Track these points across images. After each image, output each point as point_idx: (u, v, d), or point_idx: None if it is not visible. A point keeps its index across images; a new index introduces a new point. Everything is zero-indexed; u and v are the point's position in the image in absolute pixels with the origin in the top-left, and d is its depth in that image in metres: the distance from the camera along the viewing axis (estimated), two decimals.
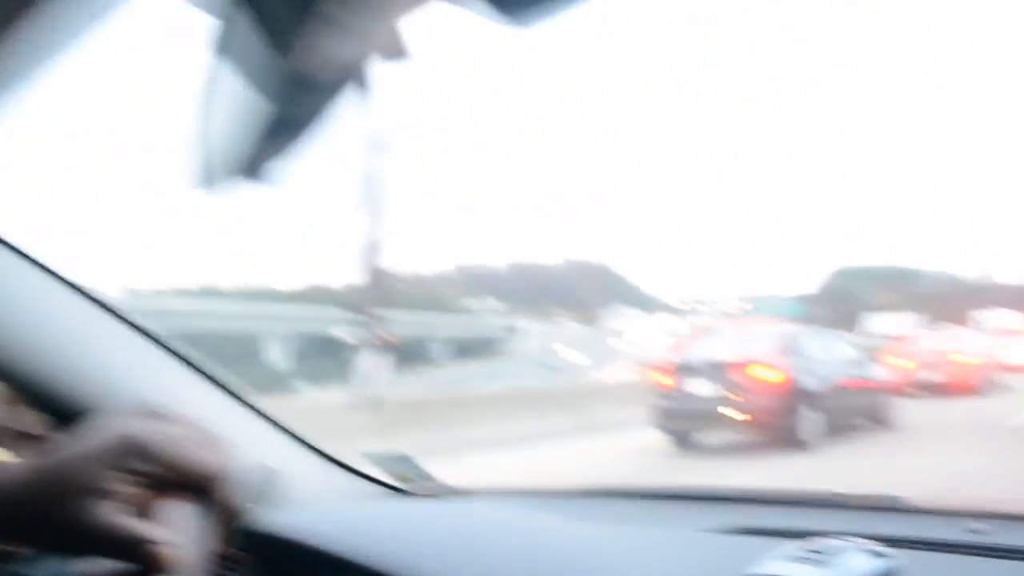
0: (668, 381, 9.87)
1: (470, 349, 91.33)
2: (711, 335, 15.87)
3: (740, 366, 9.38)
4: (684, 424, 9.77)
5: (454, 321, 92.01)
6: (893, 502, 1.31)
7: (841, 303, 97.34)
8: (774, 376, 9.22)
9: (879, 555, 0.92)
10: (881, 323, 48.50)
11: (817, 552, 0.90)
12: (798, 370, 9.56)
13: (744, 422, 9.23)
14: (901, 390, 13.34)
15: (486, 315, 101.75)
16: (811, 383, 9.57)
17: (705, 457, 9.42)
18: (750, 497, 1.52)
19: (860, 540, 0.94)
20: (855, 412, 10.61)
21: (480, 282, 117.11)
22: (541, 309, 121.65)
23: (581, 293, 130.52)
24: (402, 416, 10.22)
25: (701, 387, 9.46)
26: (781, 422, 9.11)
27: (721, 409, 9.24)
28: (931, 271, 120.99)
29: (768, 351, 9.73)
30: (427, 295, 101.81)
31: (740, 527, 1.18)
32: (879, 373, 11.37)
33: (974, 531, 1.08)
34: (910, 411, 11.71)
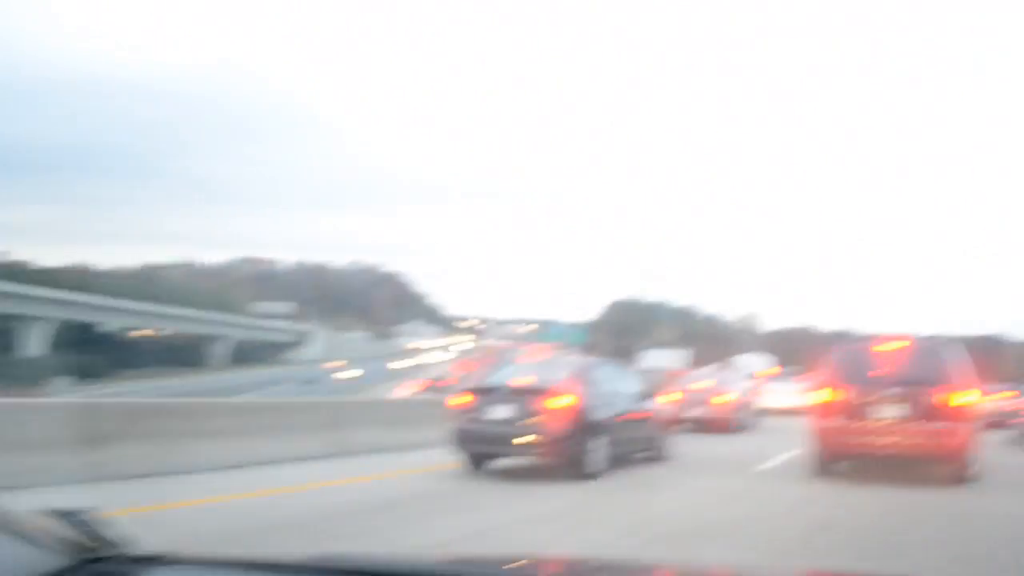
0: (468, 403, 9.94)
1: (255, 353, 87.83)
2: (511, 360, 16.26)
3: (539, 393, 9.60)
4: (481, 447, 9.87)
5: (240, 322, 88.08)
6: None
7: (621, 334, 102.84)
8: (569, 405, 9.51)
9: None
10: (654, 358, 51.80)
11: None
12: (591, 400, 9.93)
13: (538, 448, 9.41)
14: (670, 425, 14.31)
15: (277, 320, 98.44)
16: (602, 413, 10.00)
17: (495, 480, 9.55)
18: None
19: None
20: (637, 444, 11.23)
21: (275, 285, 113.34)
22: (336, 318, 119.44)
23: (378, 305, 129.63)
24: (115, 425, 8.83)
25: (498, 411, 9.61)
26: (572, 450, 9.40)
27: (517, 434, 9.43)
28: (702, 312, 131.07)
29: (565, 380, 10.03)
30: (216, 292, 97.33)
31: None
32: (657, 407, 12.01)
33: None
34: (678, 446, 12.62)
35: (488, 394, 9.91)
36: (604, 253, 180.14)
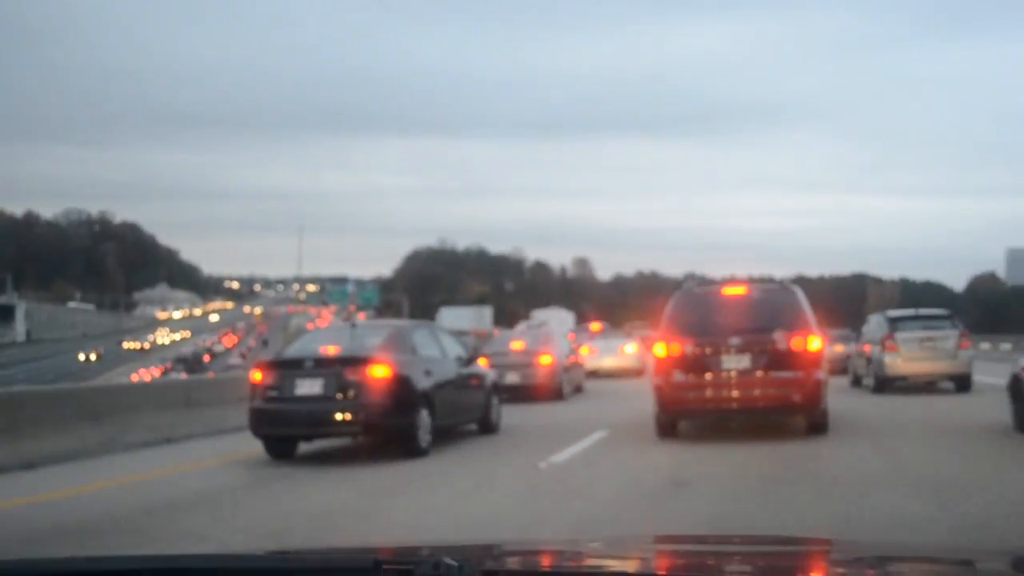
0: (268, 380, 10.30)
1: None
2: (300, 327, 16.35)
3: (353, 363, 10.11)
4: (286, 429, 10.29)
5: None
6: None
7: (423, 291, 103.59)
8: (389, 374, 10.09)
9: None
10: (452, 317, 52.73)
11: None
12: (413, 368, 10.60)
13: (357, 426, 10.00)
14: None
15: None
16: (425, 382, 10.69)
17: (307, 466, 10.04)
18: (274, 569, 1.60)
19: None
20: (467, 413, 12.07)
21: None
22: (48, 284, 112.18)
23: (107, 264, 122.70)
24: None
25: (307, 387, 10.05)
26: (398, 424, 10.06)
27: (330, 411, 9.93)
28: (529, 259, 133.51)
29: (381, 346, 10.61)
30: None
31: None
32: (482, 373, 12.87)
33: None
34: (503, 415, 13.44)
35: (291, 368, 10.31)
36: (407, 192, 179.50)
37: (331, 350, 10.65)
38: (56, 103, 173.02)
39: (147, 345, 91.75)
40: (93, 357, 73.00)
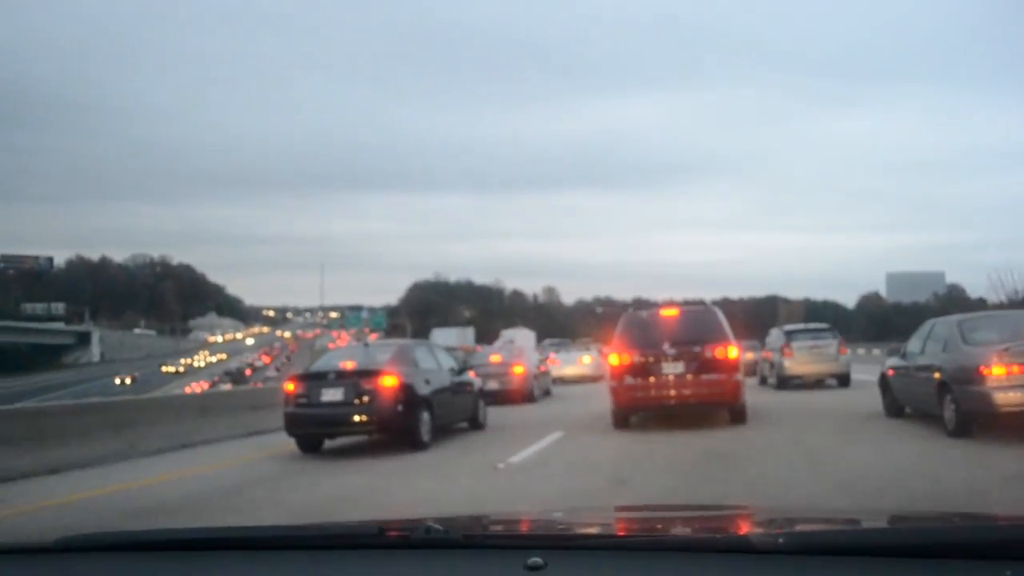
0: (299, 389, 10.32)
1: (24, 359, 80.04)
2: (323, 346, 16.39)
3: (366, 375, 10.16)
4: (315, 429, 10.30)
5: (8, 326, 79.90)
6: (443, 538, 1.29)
7: (423, 315, 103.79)
8: (396, 383, 10.13)
9: None
10: (442, 336, 53.07)
11: None
12: (415, 377, 10.63)
13: (372, 425, 10.01)
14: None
15: (51, 322, 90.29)
16: (425, 389, 10.72)
17: (332, 459, 10.04)
18: (284, 538, 1.45)
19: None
20: (459, 414, 12.07)
21: (49, 284, 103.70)
22: (120, 315, 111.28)
23: (167, 298, 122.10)
24: None
25: (330, 395, 10.08)
26: (404, 423, 10.08)
27: (350, 414, 9.96)
28: (507, 288, 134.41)
29: (388, 361, 10.66)
30: None
31: None
32: (471, 381, 12.88)
33: (531, 567, 1.15)
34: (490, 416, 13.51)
35: (317, 379, 10.33)
36: (407, 236, 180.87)
37: (349, 364, 10.69)
38: (127, 169, 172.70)
39: (182, 368, 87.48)
40: (128, 381, 68.38)
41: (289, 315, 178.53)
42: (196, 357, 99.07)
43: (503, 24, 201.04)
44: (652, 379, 11.06)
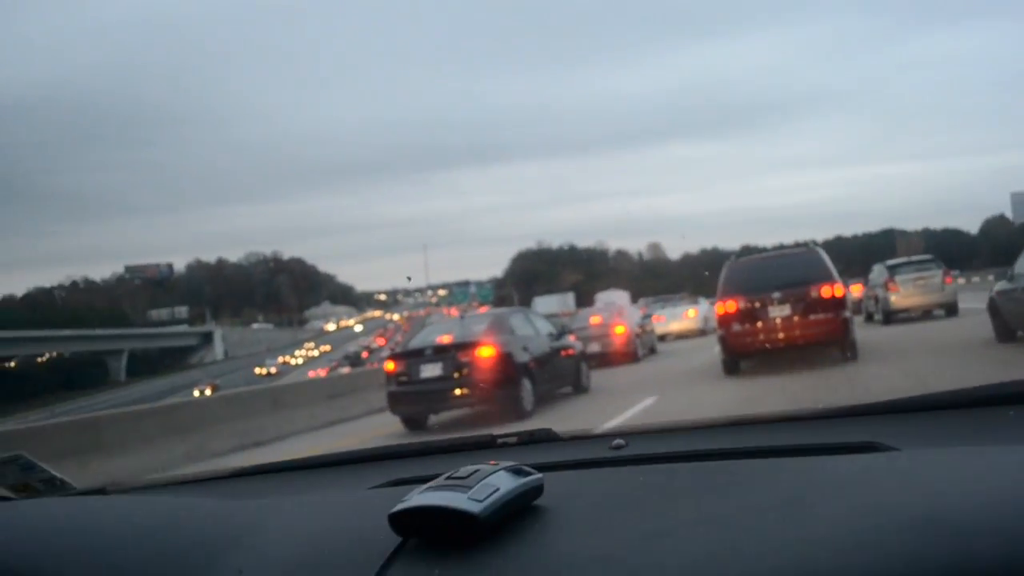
0: (398, 368, 10.39)
1: (156, 362, 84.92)
2: (433, 323, 16.63)
3: (463, 347, 10.12)
4: (417, 406, 10.34)
5: (134, 333, 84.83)
6: (545, 434, 1.43)
7: (528, 284, 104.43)
8: (493, 353, 10.07)
9: (524, 473, 0.95)
10: (543, 304, 52.97)
11: (462, 478, 0.90)
12: (512, 346, 10.54)
13: (473, 398, 9.95)
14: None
15: (176, 324, 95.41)
16: (524, 356, 10.62)
17: (439, 433, 10.09)
18: (405, 452, 1.54)
19: (506, 464, 0.95)
20: (562, 379, 11.94)
21: (172, 289, 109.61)
22: (239, 312, 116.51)
23: (282, 292, 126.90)
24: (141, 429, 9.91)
25: (429, 370, 10.10)
26: (505, 393, 9.99)
27: (450, 388, 9.95)
28: (611, 248, 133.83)
29: (484, 332, 10.60)
30: (109, 306, 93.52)
31: (394, 479, 1.25)
32: (572, 345, 12.72)
33: (615, 447, 1.26)
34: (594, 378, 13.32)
35: (416, 356, 10.37)
36: (509, 207, 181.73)
37: (446, 339, 10.69)
38: (233, 172, 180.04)
39: (274, 370, 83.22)
40: (208, 392, 67.99)
41: (400, 297, 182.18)
42: (290, 356, 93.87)
43: None
44: (760, 323, 11.17)
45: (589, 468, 1.17)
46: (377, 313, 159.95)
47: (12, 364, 70.17)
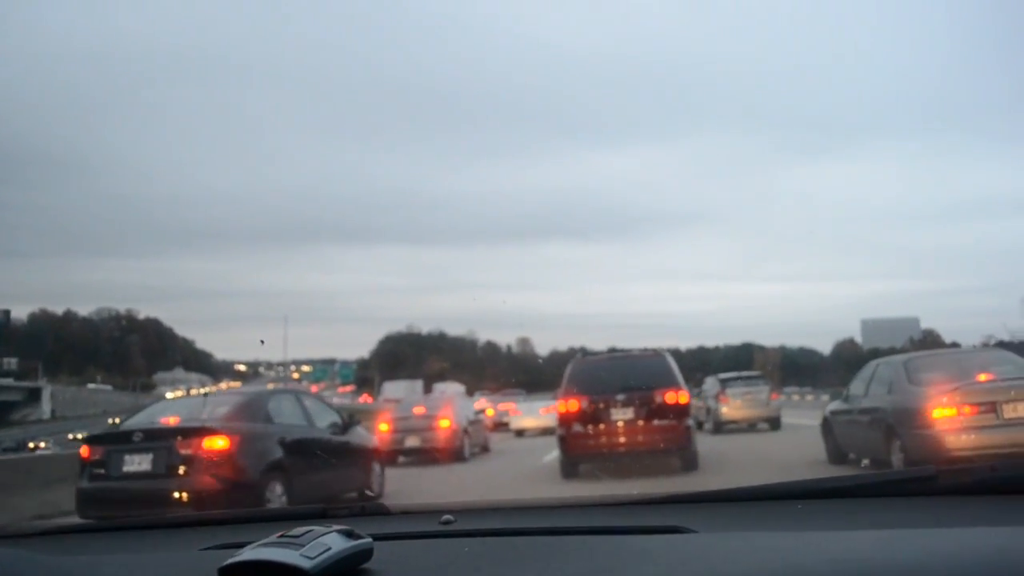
0: (95, 457, 7.67)
1: None
2: (170, 400, 13.90)
3: (185, 435, 7.54)
4: (114, 512, 7.61)
5: None
6: (375, 508, 1.51)
7: (394, 367, 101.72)
8: (225, 446, 7.53)
9: (355, 536, 0.98)
10: (391, 389, 50.48)
11: (295, 536, 0.93)
12: (260, 438, 8.06)
13: (189, 504, 7.26)
14: (388, 456, 12.96)
15: (1, 377, 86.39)
16: (276, 453, 8.13)
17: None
18: (237, 518, 1.59)
19: (338, 527, 0.98)
20: (339, 482, 9.44)
21: (10, 338, 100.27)
22: (81, 370, 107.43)
23: (131, 353, 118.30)
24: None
25: (135, 463, 7.44)
26: (237, 500, 7.39)
27: (159, 490, 7.31)
28: (481, 339, 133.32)
29: (226, 417, 8.04)
30: None
31: (225, 543, 1.22)
32: (361, 441, 10.34)
33: (443, 522, 1.33)
34: (390, 478, 11.18)
35: (120, 442, 7.69)
36: (382, 289, 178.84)
37: (170, 420, 8.08)
38: (95, 223, 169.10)
39: (43, 444, 77.67)
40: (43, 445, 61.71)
41: (262, 369, 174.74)
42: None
43: (479, 79, 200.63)
44: (602, 426, 10.73)
45: (415, 539, 1.21)
46: (237, 384, 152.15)
47: None
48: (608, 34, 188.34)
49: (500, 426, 28.00)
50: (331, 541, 0.93)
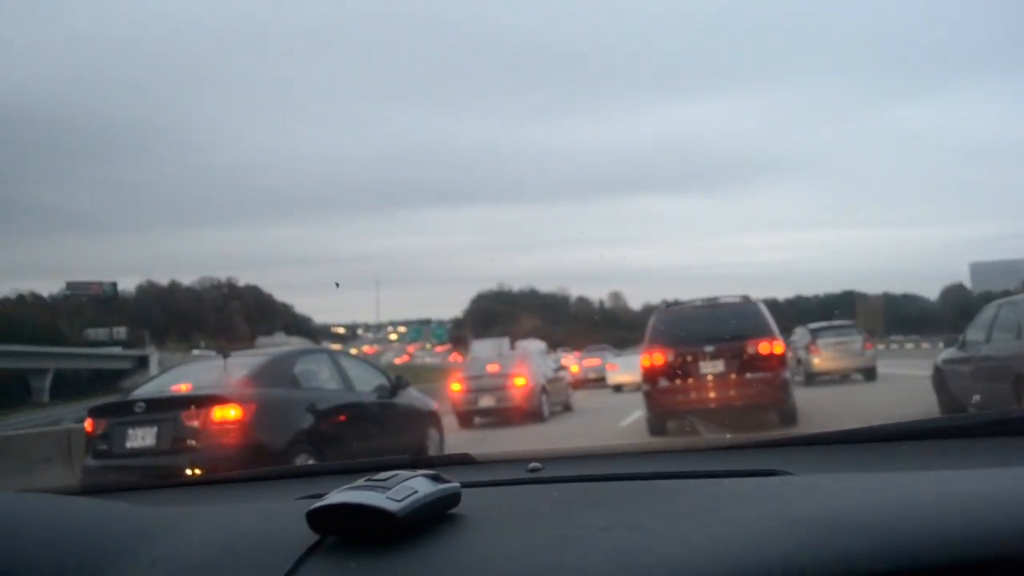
0: (98, 431, 6.76)
1: (84, 384, 80.00)
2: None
3: (195, 404, 6.52)
4: (473, 414, 7.40)
5: (63, 352, 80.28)
6: (461, 458, 1.48)
7: (486, 326, 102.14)
8: (238, 415, 6.48)
9: (441, 480, 0.96)
10: (480, 347, 49.93)
11: (381, 480, 0.92)
12: (281, 406, 7.03)
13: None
14: (462, 416, 12.12)
15: (112, 346, 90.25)
16: (303, 421, 7.08)
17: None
18: (326, 470, 1.62)
19: (424, 471, 0.96)
20: (386, 451, 8.38)
21: (118, 309, 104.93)
22: (187, 336, 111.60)
23: (234, 319, 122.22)
24: None
25: (138, 438, 6.49)
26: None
27: (165, 465, 6.35)
28: (573, 295, 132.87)
29: (240, 382, 6.98)
30: (37, 324, 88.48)
31: (314, 494, 1.17)
32: (414, 404, 9.27)
33: (531, 470, 1.30)
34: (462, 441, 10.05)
35: (123, 414, 6.73)
36: (475, 248, 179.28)
37: (181, 388, 7.07)
38: (195, 195, 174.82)
39: None
40: None
41: (360, 331, 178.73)
42: None
43: (566, 33, 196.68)
44: (690, 380, 10.16)
45: (503, 486, 1.21)
46: (335, 347, 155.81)
47: None
48: None
49: (592, 382, 27.65)
50: (418, 485, 0.92)
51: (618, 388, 23.60)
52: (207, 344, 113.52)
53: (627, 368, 25.05)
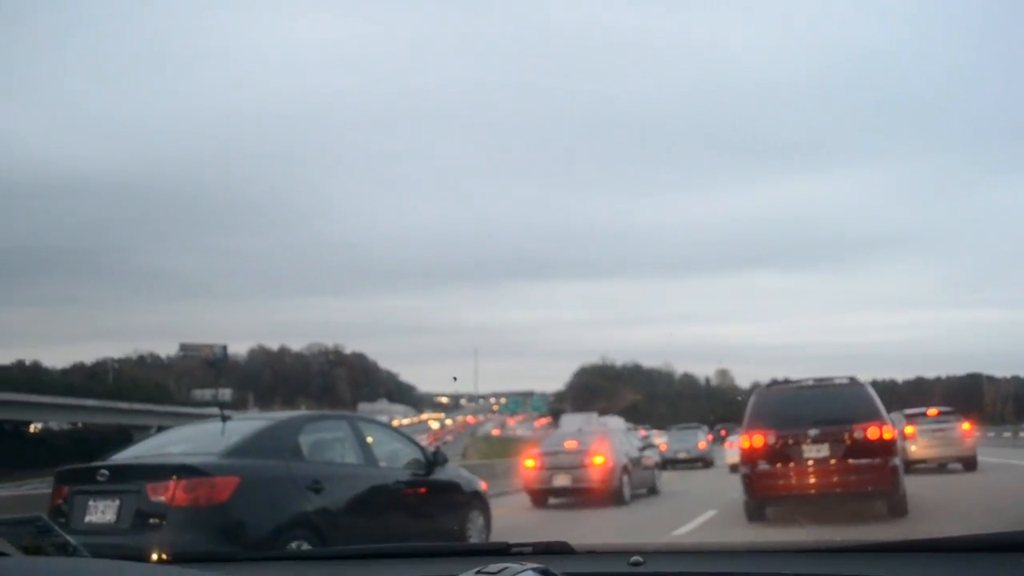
0: (60, 500, 5.73)
1: None
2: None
3: (161, 474, 5.44)
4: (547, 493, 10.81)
5: (168, 411, 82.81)
6: (560, 546, 1.46)
7: (588, 399, 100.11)
8: (218, 491, 5.35)
9: (550, 574, 1.00)
10: (569, 421, 48.34)
11: (492, 573, 0.96)
12: (282, 482, 5.86)
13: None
14: (535, 496, 11.34)
15: (215, 407, 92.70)
16: (308, 502, 5.89)
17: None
18: (423, 552, 1.64)
19: (533, 565, 1.00)
20: (419, 536, 7.07)
21: (219, 370, 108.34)
22: (292, 401, 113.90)
23: (338, 385, 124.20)
24: None
25: (99, 511, 5.43)
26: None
27: (124, 548, 5.24)
28: (678, 371, 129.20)
29: (233, 447, 5.87)
30: (151, 383, 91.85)
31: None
32: (453, 480, 7.98)
33: (632, 563, 1.30)
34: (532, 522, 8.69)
35: (85, 482, 5.66)
36: (581, 323, 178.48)
37: (154, 455, 6.01)
38: (306, 265, 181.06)
39: None
40: None
41: (463, 401, 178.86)
42: None
43: (676, 107, 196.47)
44: (791, 464, 9.69)
45: None
46: (437, 415, 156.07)
47: (34, 429, 69.07)
48: (813, 57, 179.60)
49: (682, 462, 27.17)
50: None
51: (735, 468, 22.41)
52: (308, 407, 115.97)
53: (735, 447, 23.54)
